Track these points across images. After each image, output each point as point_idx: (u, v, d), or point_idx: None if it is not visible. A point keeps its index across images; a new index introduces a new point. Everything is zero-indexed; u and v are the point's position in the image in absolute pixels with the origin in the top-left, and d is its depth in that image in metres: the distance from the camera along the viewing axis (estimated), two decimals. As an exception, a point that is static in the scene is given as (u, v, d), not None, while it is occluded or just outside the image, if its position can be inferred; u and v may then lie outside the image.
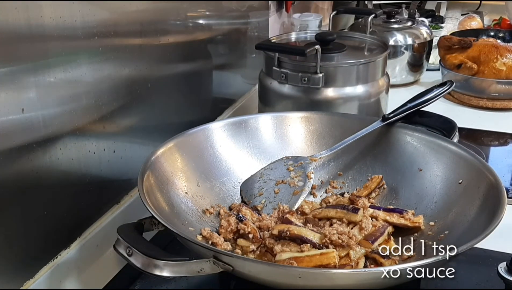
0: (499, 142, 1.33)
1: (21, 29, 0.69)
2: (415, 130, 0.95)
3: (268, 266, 0.68)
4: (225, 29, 1.28)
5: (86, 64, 0.81)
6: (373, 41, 1.23)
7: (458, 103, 1.50)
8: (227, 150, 0.96)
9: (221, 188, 0.92)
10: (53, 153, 0.77)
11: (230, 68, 1.35)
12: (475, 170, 0.83)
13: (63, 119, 0.78)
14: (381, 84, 1.15)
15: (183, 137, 0.91)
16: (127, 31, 0.91)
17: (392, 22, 1.62)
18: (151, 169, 0.82)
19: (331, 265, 0.71)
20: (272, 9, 1.53)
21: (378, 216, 0.84)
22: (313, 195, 0.96)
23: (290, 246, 0.75)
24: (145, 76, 0.95)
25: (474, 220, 0.77)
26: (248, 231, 0.79)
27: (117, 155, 0.90)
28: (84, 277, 0.83)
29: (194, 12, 1.11)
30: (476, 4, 2.33)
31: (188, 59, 1.12)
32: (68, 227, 0.82)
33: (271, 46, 1.14)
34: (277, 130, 1.01)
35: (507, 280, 0.73)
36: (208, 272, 0.64)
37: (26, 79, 0.71)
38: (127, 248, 0.66)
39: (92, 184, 0.85)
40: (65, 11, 0.75)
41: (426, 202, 0.87)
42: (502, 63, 1.47)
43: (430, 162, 0.90)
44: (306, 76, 1.08)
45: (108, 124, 0.88)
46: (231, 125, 0.98)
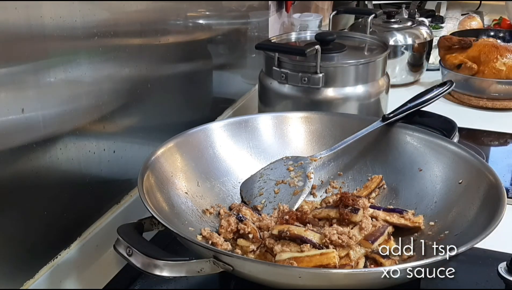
0: (499, 142, 1.32)
1: (21, 29, 0.69)
2: (415, 130, 0.95)
3: (268, 266, 0.68)
4: (225, 29, 1.28)
5: (86, 64, 0.81)
6: (373, 41, 1.23)
7: (458, 103, 1.50)
8: (227, 150, 0.96)
9: (221, 188, 0.92)
10: (53, 153, 0.77)
11: (230, 68, 1.35)
12: (475, 170, 0.83)
13: (63, 119, 0.78)
14: (381, 84, 1.15)
15: (183, 137, 0.91)
16: (127, 31, 0.91)
17: (392, 22, 1.62)
18: (151, 169, 0.82)
19: (331, 265, 0.71)
20: (272, 9, 1.53)
21: (378, 216, 0.84)
22: (313, 195, 0.96)
23: (290, 246, 0.75)
24: (145, 76, 0.95)
25: (474, 220, 0.77)
26: (248, 231, 0.79)
27: (117, 155, 0.90)
28: (84, 277, 0.83)
29: (194, 12, 1.11)
30: (476, 4, 2.33)
31: (188, 59, 1.12)
32: (68, 227, 0.82)
33: (271, 46, 1.14)
34: (277, 130, 1.01)
35: (507, 280, 0.73)
36: (208, 272, 0.64)
37: (26, 79, 0.71)
38: (127, 248, 0.66)
39: (92, 184, 0.85)
40: (65, 11, 0.75)
41: (426, 202, 0.87)
42: (502, 63, 1.46)
43: (430, 162, 0.90)
44: (306, 76, 1.08)
45: (108, 124, 0.88)
46: (231, 125, 0.98)
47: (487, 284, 0.79)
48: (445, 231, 0.79)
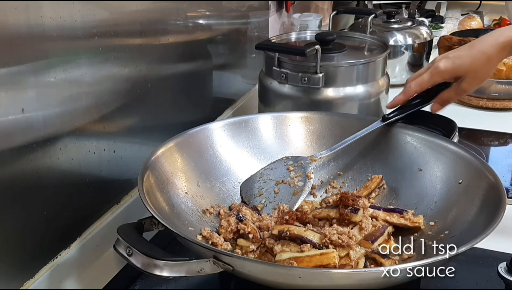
0: (499, 142, 1.32)
1: (21, 29, 0.69)
2: (415, 130, 0.95)
3: (268, 266, 0.68)
4: (225, 29, 1.28)
5: (86, 64, 0.81)
6: (373, 41, 1.23)
7: (458, 103, 1.50)
8: (227, 150, 0.96)
9: (221, 188, 0.92)
10: (53, 153, 0.77)
11: (230, 68, 1.35)
12: (475, 170, 0.83)
13: (63, 119, 0.78)
14: (381, 84, 1.15)
15: (183, 137, 0.91)
16: (127, 31, 0.91)
17: (392, 22, 1.62)
18: (151, 169, 0.82)
19: (331, 265, 0.71)
20: (272, 9, 1.53)
21: (378, 216, 0.84)
22: (313, 195, 0.96)
23: (290, 246, 0.75)
24: (145, 76, 0.95)
25: (474, 220, 0.77)
26: (248, 231, 0.79)
27: (117, 155, 0.90)
28: (84, 277, 0.83)
29: (194, 12, 1.11)
30: (476, 4, 2.33)
31: (188, 59, 1.12)
32: (68, 227, 0.82)
33: (271, 46, 1.14)
34: (277, 130, 1.01)
35: (507, 280, 0.73)
36: (208, 272, 0.64)
37: (26, 79, 0.71)
38: (127, 248, 0.66)
39: (92, 184, 0.85)
40: (65, 11, 0.75)
41: (426, 202, 0.87)
42: (502, 63, 1.46)
43: (430, 162, 0.90)
44: (306, 76, 1.08)
45: (108, 124, 0.88)
46: (231, 125, 0.98)
47: (487, 284, 0.79)
48: (445, 231, 0.79)
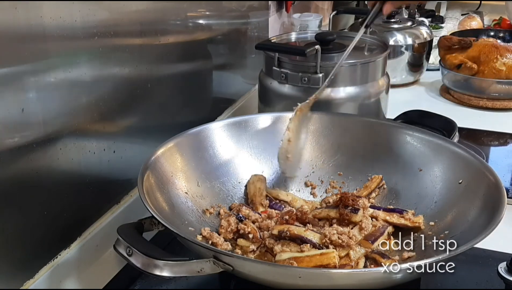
0: (499, 142, 1.32)
1: (21, 29, 0.69)
2: (415, 130, 0.95)
3: (268, 266, 0.69)
4: (225, 29, 1.28)
5: (86, 64, 0.81)
6: (373, 41, 1.23)
7: (458, 103, 1.50)
8: (227, 150, 0.96)
9: (221, 188, 0.92)
10: (53, 153, 0.77)
11: (230, 68, 1.35)
12: (475, 170, 0.83)
13: (63, 119, 0.78)
14: (381, 84, 1.15)
15: (183, 137, 0.91)
16: (127, 31, 0.91)
17: (392, 22, 1.62)
18: (151, 169, 0.82)
19: (331, 265, 0.71)
20: (272, 9, 1.53)
21: (378, 216, 0.84)
22: (313, 195, 0.96)
23: (290, 246, 0.75)
24: (145, 76, 0.95)
25: (474, 220, 0.77)
26: (248, 231, 0.79)
27: (117, 155, 0.90)
28: (84, 277, 0.83)
29: (194, 12, 1.11)
30: (476, 4, 2.33)
31: (188, 59, 1.12)
32: (68, 227, 0.82)
33: (271, 46, 1.14)
34: (277, 130, 1.01)
35: (507, 280, 0.73)
36: (208, 272, 0.64)
37: (26, 79, 0.71)
38: (127, 248, 0.66)
39: (92, 184, 0.85)
40: (65, 11, 0.75)
41: (426, 202, 0.87)
42: (502, 63, 1.47)
43: (430, 162, 0.90)
44: (306, 76, 1.08)
45: (108, 124, 0.88)
46: (231, 125, 0.98)
47: (487, 284, 0.79)
48: (445, 231, 0.79)
